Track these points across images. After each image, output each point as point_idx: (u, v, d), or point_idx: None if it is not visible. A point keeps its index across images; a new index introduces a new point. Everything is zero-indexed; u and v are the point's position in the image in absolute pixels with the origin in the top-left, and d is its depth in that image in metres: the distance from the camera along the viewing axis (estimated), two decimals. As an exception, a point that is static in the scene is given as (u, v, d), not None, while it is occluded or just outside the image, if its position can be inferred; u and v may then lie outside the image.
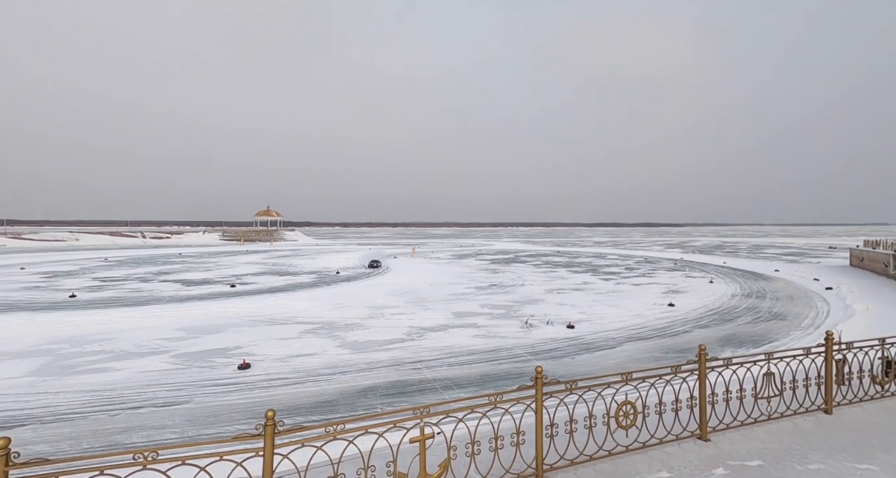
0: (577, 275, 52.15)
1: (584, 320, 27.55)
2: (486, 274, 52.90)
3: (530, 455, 4.35)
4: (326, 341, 22.58)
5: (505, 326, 25.99)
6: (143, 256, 77.03)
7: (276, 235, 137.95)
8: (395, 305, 32.26)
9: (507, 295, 37.33)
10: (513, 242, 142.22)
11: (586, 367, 18.65)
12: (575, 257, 79.64)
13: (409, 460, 3.97)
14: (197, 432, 12.97)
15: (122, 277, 47.63)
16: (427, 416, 3.99)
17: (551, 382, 4.47)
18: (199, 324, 25.90)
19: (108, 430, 13.09)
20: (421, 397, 15.51)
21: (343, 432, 3.70)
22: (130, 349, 20.91)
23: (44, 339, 22.41)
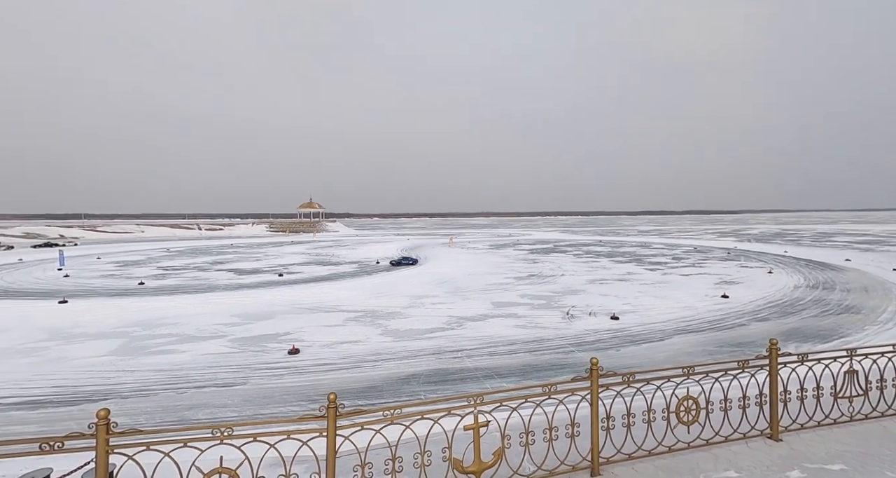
0: (621, 265, 50.31)
1: (629, 312, 26.61)
2: (524, 264, 52.23)
3: (585, 448, 4.25)
4: (369, 329, 23.26)
5: (546, 317, 25.61)
6: (199, 246, 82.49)
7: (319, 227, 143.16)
8: (435, 295, 32.62)
9: (546, 285, 36.70)
10: (551, 232, 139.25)
11: (633, 360, 18.04)
12: (618, 247, 76.81)
13: (463, 447, 3.99)
14: (254, 412, 13.84)
15: (183, 267, 51.30)
16: (481, 404, 3.99)
17: (607, 374, 4.33)
18: (251, 311, 27.47)
19: (177, 406, 14.25)
20: (462, 386, 15.66)
21: (400, 417, 3.78)
22: (193, 333, 22.55)
23: (119, 322, 24.64)
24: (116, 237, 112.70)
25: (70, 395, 15.00)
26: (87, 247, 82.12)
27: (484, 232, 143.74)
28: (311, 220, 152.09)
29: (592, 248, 75.28)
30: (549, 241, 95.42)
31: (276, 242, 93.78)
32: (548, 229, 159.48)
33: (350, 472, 3.72)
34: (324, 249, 76.71)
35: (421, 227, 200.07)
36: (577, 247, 77.38)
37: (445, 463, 3.92)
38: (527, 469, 4.10)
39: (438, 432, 3.98)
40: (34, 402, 14.45)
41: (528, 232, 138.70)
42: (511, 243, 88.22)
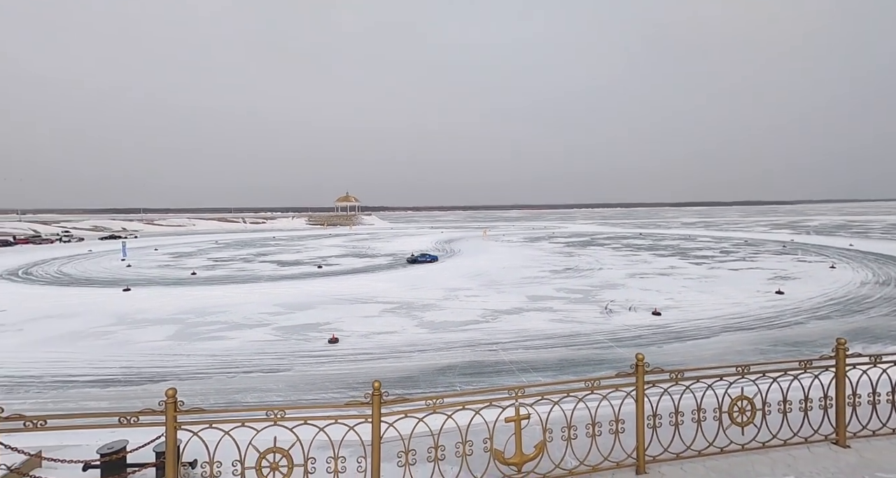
0: (663, 258, 48.23)
1: (672, 307, 25.52)
2: (560, 257, 51.20)
3: (629, 445, 4.15)
4: (405, 320, 23.69)
5: (583, 311, 25.06)
6: (244, 239, 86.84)
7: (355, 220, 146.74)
8: (469, 288, 32.68)
9: (583, 279, 35.84)
10: (588, 225, 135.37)
11: (676, 357, 17.34)
12: (659, 240, 73.60)
13: (504, 439, 4.01)
14: (298, 397, 14.51)
15: (230, 258, 54.25)
16: (522, 397, 3.98)
17: (654, 370, 4.18)
18: (293, 301, 28.68)
19: (227, 389, 15.19)
20: (498, 379, 15.67)
21: (442, 407, 3.84)
22: (240, 321, 23.87)
23: (175, 309, 26.48)
24: (171, 230, 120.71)
25: (135, 375, 16.35)
26: (145, 239, 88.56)
27: (518, 225, 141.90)
28: (348, 213, 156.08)
29: (632, 241, 72.57)
30: (585, 233, 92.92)
31: (314, 235, 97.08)
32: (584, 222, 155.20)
33: (394, 458, 3.83)
34: (360, 241, 78.58)
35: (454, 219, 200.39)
36: (616, 240, 74.84)
37: (487, 454, 3.95)
38: (569, 463, 4.06)
39: (479, 423, 4.01)
40: (105, 380, 15.86)
41: (564, 224, 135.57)
42: (546, 236, 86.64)
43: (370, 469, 3.64)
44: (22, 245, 74.49)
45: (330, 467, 3.65)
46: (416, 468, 3.82)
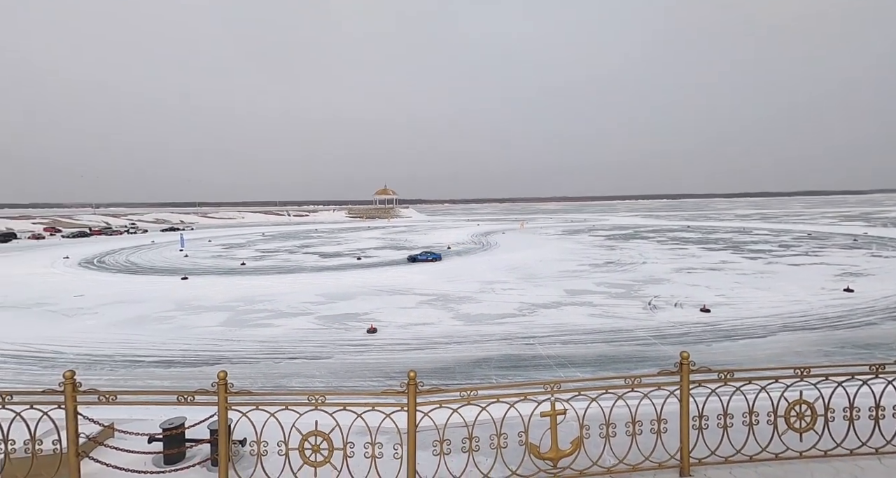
0: (713, 253, 45.48)
1: (723, 304, 24.06)
2: (601, 251, 49.57)
3: (672, 446, 3.98)
4: (441, 312, 23.90)
5: (624, 307, 24.18)
6: (289, 231, 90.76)
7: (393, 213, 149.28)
8: (506, 281, 32.42)
9: (626, 273, 34.52)
10: (632, 217, 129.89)
11: (727, 357, 16.38)
12: (710, 233, 69.43)
13: (539, 433, 3.97)
14: (338, 384, 15.08)
15: (276, 249, 56.94)
16: (558, 392, 3.92)
17: (700, 369, 3.97)
18: (334, 291, 29.70)
19: (274, 374, 16.04)
20: (535, 373, 15.50)
21: (476, 398, 3.85)
22: (285, 310, 25.05)
23: (227, 297, 28.20)
24: (222, 222, 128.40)
25: (192, 358, 17.63)
26: (200, 231, 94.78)
27: (556, 217, 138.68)
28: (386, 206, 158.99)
29: (679, 234, 68.94)
30: (628, 226, 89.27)
31: (354, 228, 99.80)
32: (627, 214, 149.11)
33: (429, 446, 3.90)
34: (397, 234, 79.90)
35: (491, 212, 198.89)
36: (661, 233, 71.36)
37: (522, 447, 3.94)
38: (607, 461, 3.96)
39: (514, 417, 4.00)
40: (167, 361, 17.23)
41: (605, 217, 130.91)
42: (586, 229, 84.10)
43: (406, 456, 3.73)
44: (96, 236, 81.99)
45: (368, 452, 3.78)
46: (450, 458, 3.87)
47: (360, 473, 3.75)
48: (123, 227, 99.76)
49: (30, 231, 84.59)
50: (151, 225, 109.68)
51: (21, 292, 30.07)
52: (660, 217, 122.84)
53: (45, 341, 19.50)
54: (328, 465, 3.76)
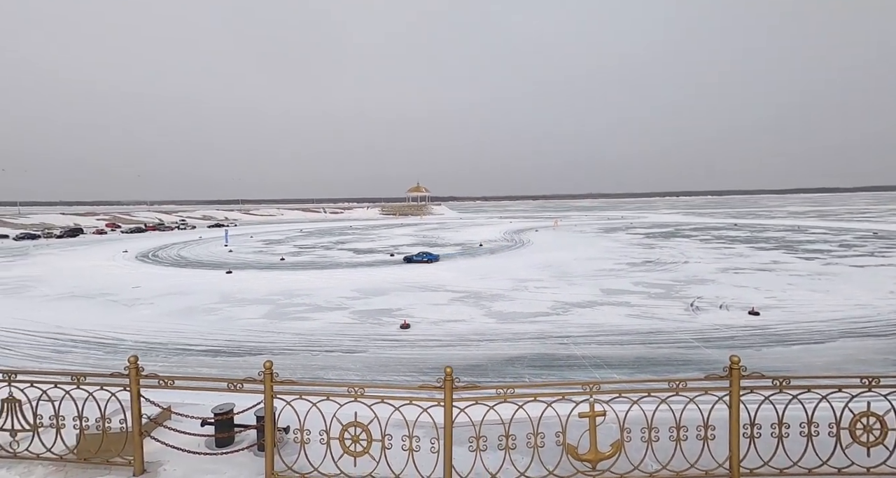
0: (763, 252, 42.79)
1: (774, 307, 22.62)
2: (639, 249, 47.82)
3: (720, 454, 3.80)
4: (473, 310, 23.90)
5: (664, 308, 23.24)
6: (325, 228, 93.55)
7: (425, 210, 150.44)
8: (539, 279, 31.96)
9: (665, 273, 33.14)
10: (672, 214, 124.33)
11: (778, 363, 15.40)
12: (759, 231, 65.34)
13: (577, 434, 3.89)
14: (373, 377, 15.43)
15: (312, 245, 58.87)
16: (597, 393, 3.82)
17: (752, 374, 3.75)
18: (368, 286, 30.38)
19: (312, 365, 16.63)
20: (569, 373, 15.22)
21: (513, 396, 3.83)
22: (322, 304, 25.88)
23: (268, 291, 29.48)
24: (263, 219, 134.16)
25: (237, 347, 18.59)
26: (243, 227, 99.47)
27: (592, 214, 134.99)
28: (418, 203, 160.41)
29: (724, 232, 65.35)
30: (669, 224, 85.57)
31: (387, 225, 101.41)
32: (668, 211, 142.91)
33: (465, 442, 3.92)
34: (430, 231, 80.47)
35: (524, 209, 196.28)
36: (705, 231, 67.89)
37: (559, 447, 3.88)
38: (649, 466, 3.83)
39: (551, 416, 3.94)
40: (214, 350, 18.26)
41: (644, 214, 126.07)
42: (623, 227, 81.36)
43: (443, 451, 3.76)
44: (151, 232, 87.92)
45: (405, 444, 3.84)
46: (486, 454, 3.87)
47: (398, 465, 3.82)
48: (174, 223, 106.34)
49: (94, 227, 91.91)
50: (199, 221, 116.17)
51: (88, 283, 32.75)
52: (703, 214, 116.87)
53: (108, 329, 21.17)
54: (367, 455, 3.86)
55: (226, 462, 4.21)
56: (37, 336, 20.17)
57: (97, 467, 3.93)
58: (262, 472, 4.00)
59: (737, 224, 79.67)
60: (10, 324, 21.99)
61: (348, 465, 3.87)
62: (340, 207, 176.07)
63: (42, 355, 17.74)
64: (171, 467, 4.06)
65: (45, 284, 32.84)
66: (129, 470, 3.93)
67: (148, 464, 4.01)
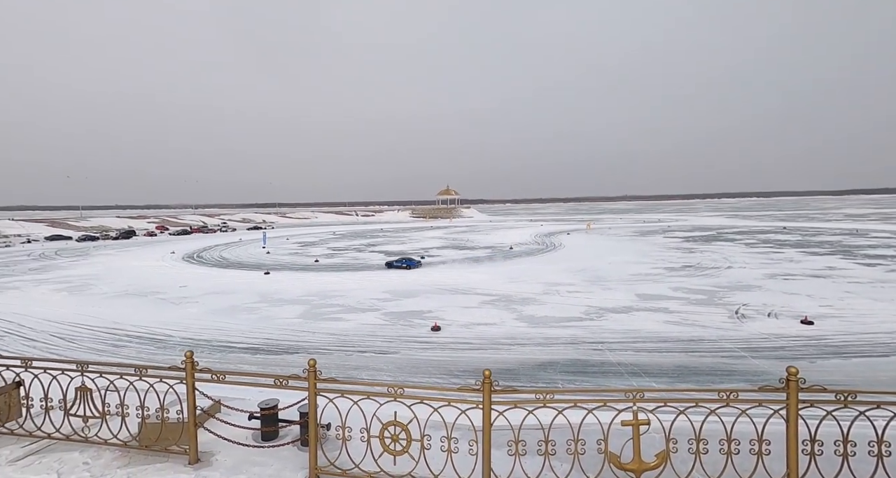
0: (817, 257, 40.01)
1: (830, 316, 21.09)
2: (678, 253, 45.89)
3: (776, 470, 3.59)
4: (504, 313, 23.69)
5: (706, 314, 22.17)
6: (357, 230, 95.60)
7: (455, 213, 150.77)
8: (571, 283, 31.28)
9: (707, 278, 31.61)
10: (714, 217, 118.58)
11: (835, 376, 14.32)
12: (812, 235, 61.16)
13: (620, 443, 3.79)
14: (404, 379, 15.58)
15: (345, 248, 60.27)
16: (641, 401, 3.71)
17: (812, 388, 3.53)
18: (399, 289, 30.74)
19: (345, 365, 17.00)
20: (604, 380, 14.79)
21: (552, 402, 3.78)
22: (354, 305, 26.43)
23: (303, 292, 30.43)
24: (298, 222, 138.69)
25: (275, 346, 19.28)
26: (280, 229, 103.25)
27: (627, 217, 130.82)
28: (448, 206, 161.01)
29: (773, 235, 61.62)
30: (710, 227, 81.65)
31: (417, 228, 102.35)
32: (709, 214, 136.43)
33: (504, 446, 3.90)
34: (459, 234, 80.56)
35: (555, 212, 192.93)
36: (751, 234, 64.29)
37: (600, 455, 3.79)
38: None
39: (592, 424, 3.86)
40: (253, 348, 19.03)
41: (683, 217, 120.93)
42: (661, 230, 78.36)
43: (481, 454, 3.77)
44: (195, 234, 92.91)
45: (444, 446, 3.88)
46: (525, 459, 3.84)
47: (437, 465, 3.86)
48: (217, 225, 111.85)
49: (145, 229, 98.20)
50: (239, 224, 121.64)
51: (140, 282, 35.00)
52: (748, 217, 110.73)
53: (158, 325, 22.52)
54: (406, 455, 3.92)
55: (271, 456, 4.39)
56: (97, 331, 21.74)
57: (157, 455, 4.21)
58: (306, 466, 4.14)
59: (786, 227, 74.95)
60: (75, 319, 23.83)
61: (388, 463, 3.95)
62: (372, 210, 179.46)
63: (101, 349, 19.09)
64: (222, 458, 4.28)
65: (104, 282, 35.36)
66: (185, 458, 4.17)
67: (201, 453, 4.24)
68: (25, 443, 4.32)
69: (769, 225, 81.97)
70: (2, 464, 4.01)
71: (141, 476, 3.91)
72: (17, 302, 28.20)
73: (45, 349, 18.95)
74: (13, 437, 4.42)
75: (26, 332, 21.66)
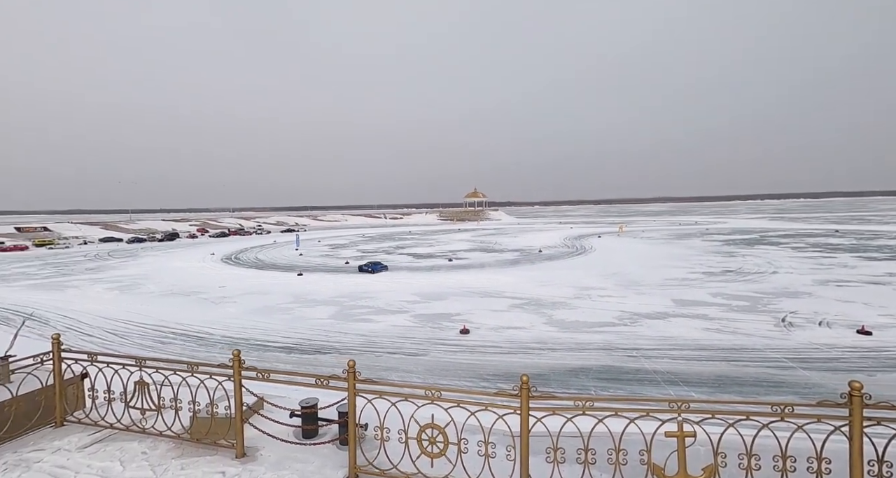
0: (875, 263, 37.22)
1: (891, 326, 19.55)
2: (717, 257, 43.87)
3: (837, 491, 3.37)
4: (534, 317, 23.38)
5: (749, 322, 21.06)
6: (385, 233, 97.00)
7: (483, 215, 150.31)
8: (603, 287, 30.50)
9: (750, 284, 30.04)
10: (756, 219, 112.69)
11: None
12: (869, 239, 56.97)
13: (663, 455, 3.67)
14: (434, 381, 15.64)
15: (374, 250, 61.25)
16: (686, 412, 3.58)
17: (879, 404, 3.30)
18: (427, 291, 30.94)
19: (376, 366, 17.25)
20: (640, 388, 14.31)
21: (592, 409, 3.71)
22: (383, 307, 26.80)
23: (334, 293, 31.16)
24: (329, 224, 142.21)
25: (307, 346, 19.83)
26: (311, 232, 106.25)
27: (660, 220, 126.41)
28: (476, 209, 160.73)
29: (823, 239, 57.84)
30: (752, 230, 77.63)
31: (445, 230, 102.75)
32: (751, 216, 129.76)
33: (542, 453, 3.86)
34: (487, 236, 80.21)
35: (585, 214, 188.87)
36: (798, 238, 60.63)
37: (643, 466, 3.68)
38: (748, 497, 3.50)
39: (633, 433, 3.76)
40: (288, 348, 19.64)
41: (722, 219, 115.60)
42: (698, 233, 75.18)
43: (519, 459, 3.74)
44: (233, 236, 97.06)
45: (481, 450, 3.87)
46: (564, 467, 3.78)
47: (474, 469, 3.86)
48: (252, 228, 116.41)
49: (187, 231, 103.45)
50: (273, 227, 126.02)
51: (183, 282, 36.89)
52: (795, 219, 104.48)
53: (200, 324, 23.64)
54: (444, 457, 3.94)
55: (312, 453, 4.52)
56: (145, 328, 23.08)
57: (206, 448, 4.42)
58: (346, 465, 4.24)
59: (838, 230, 70.17)
60: (126, 316, 25.41)
61: (425, 465, 3.98)
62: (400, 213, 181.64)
63: (149, 345, 20.25)
64: (266, 453, 4.45)
65: (151, 282, 37.51)
66: (232, 452, 4.37)
67: (247, 448, 4.42)
68: (91, 431, 4.65)
69: (819, 228, 77.01)
70: (72, 449, 4.34)
71: (193, 468, 4.12)
72: (75, 300, 30.36)
73: (101, 345, 20.28)
74: (80, 425, 4.77)
75: (84, 328, 23.28)
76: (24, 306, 27.96)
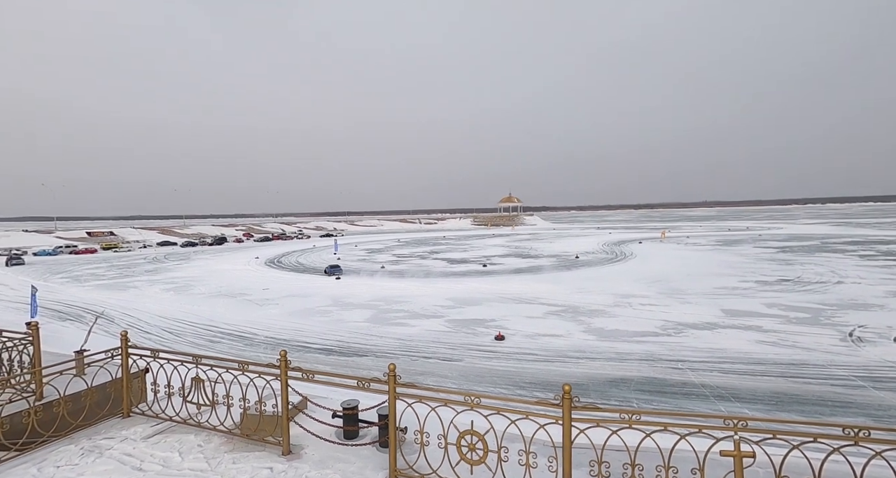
0: (959, 272, 33.43)
1: (981, 345, 17.45)
2: (772, 265, 41.00)
3: (922, 527, 3.04)
4: (571, 325, 22.78)
5: (810, 335, 19.49)
6: (420, 238, 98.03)
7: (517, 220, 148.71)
8: (644, 295, 29.26)
9: (811, 294, 27.82)
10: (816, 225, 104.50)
11: None
12: (950, 245, 51.29)
13: (717, 475, 3.47)
14: (469, 387, 15.52)
15: (409, 255, 62.03)
16: (744, 430, 3.37)
17: (973, 432, 2.96)
18: (461, 296, 30.91)
19: (411, 371, 17.38)
20: (686, 402, 13.57)
21: (638, 423, 3.57)
22: (419, 311, 27.03)
23: (370, 297, 31.79)
24: (365, 229, 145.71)
25: (345, 348, 20.32)
26: (349, 237, 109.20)
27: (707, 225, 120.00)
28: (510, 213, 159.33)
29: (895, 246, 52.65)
30: (812, 236, 72.03)
31: (479, 235, 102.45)
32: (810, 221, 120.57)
33: (585, 465, 3.75)
34: (522, 242, 79.20)
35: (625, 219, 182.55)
36: (866, 245, 55.59)
37: (695, 487, 3.49)
38: (816, 527, 3.23)
39: (683, 450, 3.58)
40: (327, 349, 20.22)
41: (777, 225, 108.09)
42: (749, 239, 70.67)
43: (561, 471, 3.65)
44: (275, 240, 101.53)
45: (521, 459, 3.82)
46: (608, 482, 3.65)
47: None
48: (293, 233, 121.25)
49: (234, 236, 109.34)
50: (313, 231, 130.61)
51: (231, 284, 38.94)
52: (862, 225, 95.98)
53: (246, 324, 24.83)
54: (483, 465, 3.91)
55: (353, 454, 4.63)
56: (196, 327, 24.53)
57: (255, 444, 4.64)
58: (386, 467, 4.31)
59: (914, 236, 63.70)
60: (179, 316, 27.13)
61: (465, 472, 3.97)
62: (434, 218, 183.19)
63: (200, 344, 21.49)
64: (310, 451, 4.60)
65: (202, 283, 39.88)
66: (279, 449, 4.55)
67: (292, 446, 4.59)
68: (153, 423, 5.01)
69: (890, 234, 70.24)
70: (137, 439, 4.69)
71: (243, 462, 4.33)
72: (136, 299, 32.78)
73: (158, 342, 21.75)
74: (144, 417, 5.15)
75: (143, 325, 25.08)
76: (94, 305, 30.51)
